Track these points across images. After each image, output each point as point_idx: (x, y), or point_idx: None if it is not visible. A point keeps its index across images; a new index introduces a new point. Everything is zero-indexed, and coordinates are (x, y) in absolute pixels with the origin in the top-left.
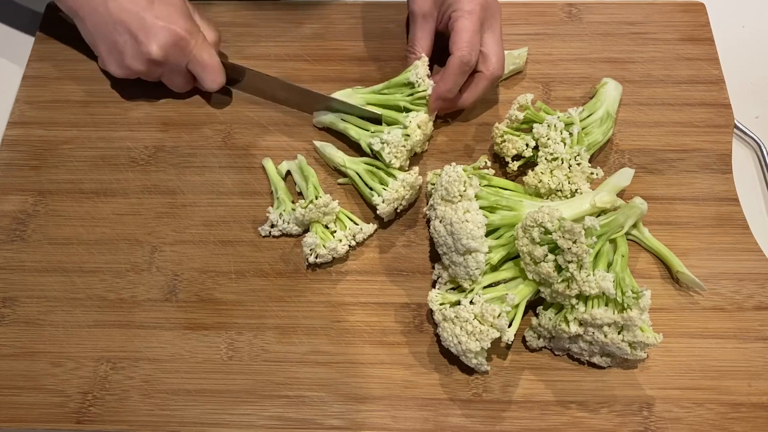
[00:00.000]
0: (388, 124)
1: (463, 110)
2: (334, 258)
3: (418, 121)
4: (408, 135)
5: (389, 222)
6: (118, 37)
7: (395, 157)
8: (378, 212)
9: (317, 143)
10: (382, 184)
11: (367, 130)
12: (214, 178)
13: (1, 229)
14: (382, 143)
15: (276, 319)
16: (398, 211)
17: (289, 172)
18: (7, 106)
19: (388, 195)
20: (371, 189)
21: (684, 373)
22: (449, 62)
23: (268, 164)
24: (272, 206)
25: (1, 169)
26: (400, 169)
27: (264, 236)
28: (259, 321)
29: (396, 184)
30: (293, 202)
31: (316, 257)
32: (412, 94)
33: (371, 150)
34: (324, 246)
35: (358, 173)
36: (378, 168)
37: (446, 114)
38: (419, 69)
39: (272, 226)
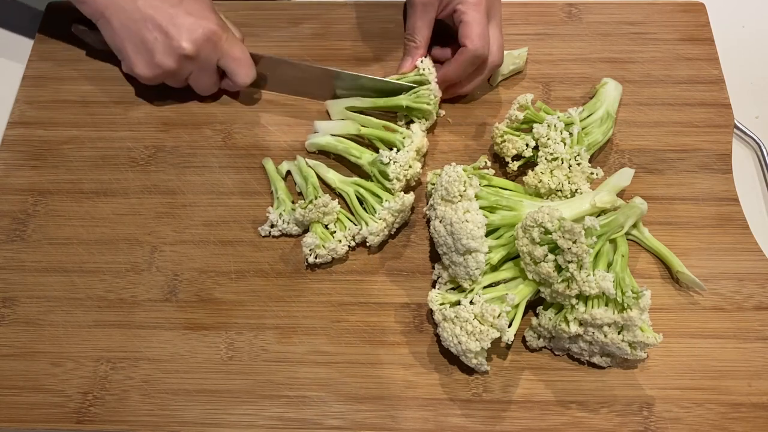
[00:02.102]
0: (385, 144)
1: (463, 108)
2: (333, 258)
3: (417, 146)
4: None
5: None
6: (147, 35)
7: (397, 178)
8: (368, 245)
9: (310, 162)
10: (373, 204)
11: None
12: (214, 178)
13: (1, 229)
14: (391, 160)
15: (276, 319)
16: (391, 233)
17: (289, 172)
18: (7, 106)
19: (376, 227)
20: (360, 215)
21: (684, 373)
22: (462, 53)
23: (268, 164)
24: (272, 206)
25: (1, 169)
26: (395, 189)
27: (264, 236)
28: (259, 321)
29: (383, 213)
30: (293, 203)
31: (316, 257)
32: (415, 93)
33: (374, 170)
34: (323, 246)
35: (349, 194)
36: (370, 191)
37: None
38: (425, 64)
39: (272, 226)
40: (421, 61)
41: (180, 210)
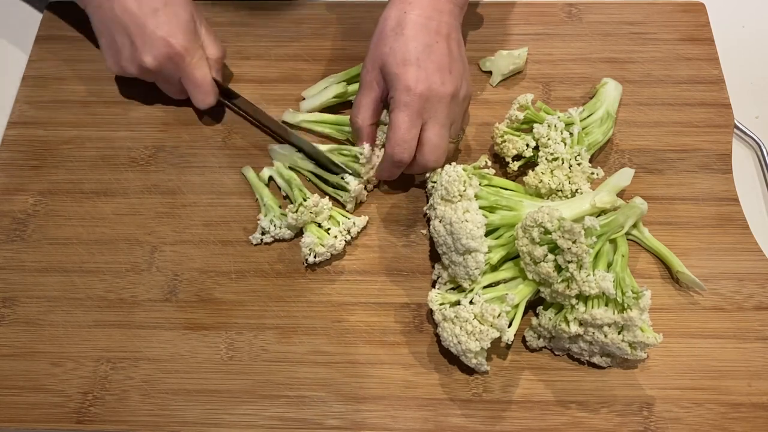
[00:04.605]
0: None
1: None
2: (332, 255)
3: (354, 196)
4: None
5: (388, 221)
6: (117, 37)
7: (348, 201)
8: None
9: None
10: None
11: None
12: (214, 178)
13: (1, 229)
14: (347, 183)
15: (276, 319)
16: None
17: (271, 178)
18: (7, 106)
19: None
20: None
21: (684, 373)
22: (383, 155)
23: (249, 173)
24: (261, 214)
25: (1, 169)
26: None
27: (255, 244)
28: (259, 321)
29: (335, 230)
30: (280, 207)
31: (315, 256)
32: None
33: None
34: (322, 244)
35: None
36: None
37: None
38: (365, 152)
39: (263, 233)
40: (362, 149)
41: (180, 210)
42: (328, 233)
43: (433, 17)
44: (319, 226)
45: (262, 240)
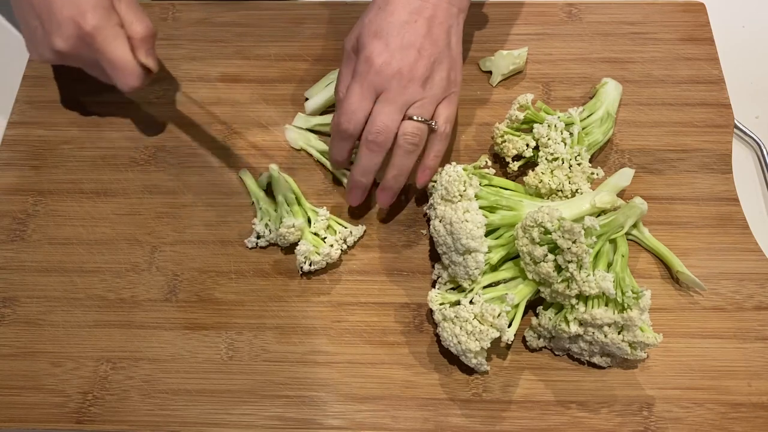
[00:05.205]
0: None
1: (463, 108)
2: (327, 264)
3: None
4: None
5: (388, 222)
6: (30, 22)
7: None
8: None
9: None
10: None
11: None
12: (214, 178)
13: (1, 229)
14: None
15: (276, 319)
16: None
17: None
18: (7, 106)
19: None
20: None
21: (684, 373)
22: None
23: (247, 177)
24: (256, 218)
25: (1, 169)
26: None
27: (251, 248)
28: (259, 321)
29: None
30: (275, 211)
31: (311, 264)
32: None
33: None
34: (317, 252)
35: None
36: None
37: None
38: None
39: (258, 237)
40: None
41: (180, 210)
42: (324, 242)
43: None
44: (316, 234)
45: (257, 244)
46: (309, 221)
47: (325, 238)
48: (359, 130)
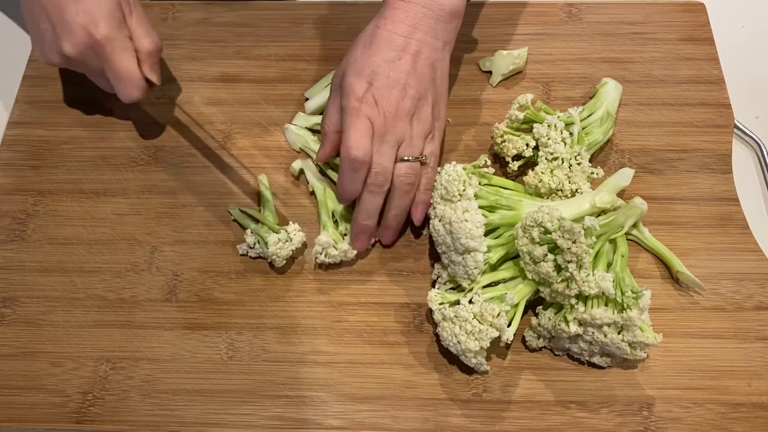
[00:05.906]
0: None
1: (463, 108)
2: (342, 261)
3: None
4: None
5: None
6: (41, 24)
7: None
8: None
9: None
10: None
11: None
12: (214, 178)
13: (1, 229)
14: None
15: (276, 319)
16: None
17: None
18: (7, 106)
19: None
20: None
21: (684, 373)
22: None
23: (264, 180)
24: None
25: (1, 169)
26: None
27: (241, 254)
28: (259, 321)
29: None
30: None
31: (326, 257)
32: None
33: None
34: (335, 248)
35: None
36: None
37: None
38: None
39: (250, 247)
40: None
41: (180, 210)
42: (344, 239)
43: (405, 34)
44: (336, 228)
45: (248, 252)
46: (336, 222)
47: (345, 235)
48: (369, 158)
